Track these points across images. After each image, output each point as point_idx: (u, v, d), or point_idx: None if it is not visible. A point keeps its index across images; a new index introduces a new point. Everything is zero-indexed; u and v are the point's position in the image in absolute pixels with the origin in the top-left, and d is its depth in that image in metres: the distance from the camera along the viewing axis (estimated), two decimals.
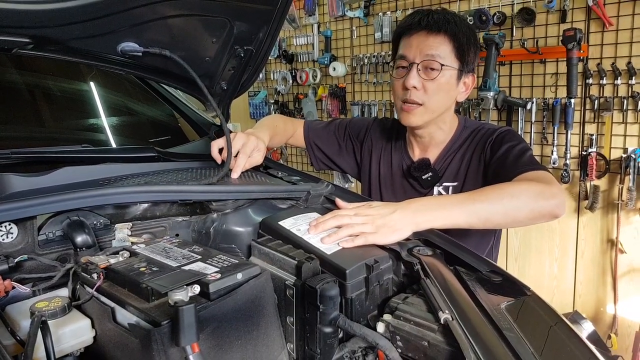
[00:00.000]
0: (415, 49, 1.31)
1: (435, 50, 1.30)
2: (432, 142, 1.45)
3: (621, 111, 2.26)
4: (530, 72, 2.54)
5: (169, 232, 1.06)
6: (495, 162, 1.31)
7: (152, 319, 0.72)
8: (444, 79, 1.31)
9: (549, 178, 1.16)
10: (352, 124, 1.65)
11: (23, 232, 0.90)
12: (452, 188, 1.42)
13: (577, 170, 2.43)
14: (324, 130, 1.66)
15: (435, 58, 1.29)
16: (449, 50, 1.31)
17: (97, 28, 1.02)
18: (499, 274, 0.92)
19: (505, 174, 1.22)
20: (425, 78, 1.31)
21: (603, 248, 2.44)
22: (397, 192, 1.51)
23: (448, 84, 1.33)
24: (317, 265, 0.88)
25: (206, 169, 1.25)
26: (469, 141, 1.42)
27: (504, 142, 1.32)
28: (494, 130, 1.39)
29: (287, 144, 1.66)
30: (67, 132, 1.53)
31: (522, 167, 1.21)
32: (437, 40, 1.30)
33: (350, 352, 0.86)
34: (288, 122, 1.63)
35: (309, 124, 1.67)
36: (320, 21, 3.56)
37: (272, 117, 1.63)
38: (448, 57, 1.31)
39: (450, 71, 1.32)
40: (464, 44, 1.31)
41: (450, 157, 1.43)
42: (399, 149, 1.54)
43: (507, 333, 0.73)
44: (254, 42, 1.21)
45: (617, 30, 2.23)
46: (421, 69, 1.31)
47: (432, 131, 1.43)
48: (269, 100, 4.01)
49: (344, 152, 1.64)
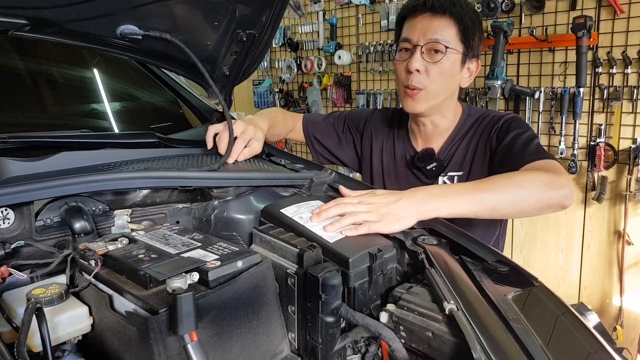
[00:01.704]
0: (419, 32, 1.28)
1: (440, 33, 1.27)
2: (436, 131, 1.43)
3: (631, 101, 2.23)
4: (538, 60, 2.50)
5: (170, 219, 1.05)
6: (502, 151, 1.28)
7: (149, 307, 0.71)
8: (448, 62, 1.28)
9: (557, 167, 1.14)
10: (352, 116, 1.63)
11: (20, 217, 0.89)
12: (458, 177, 1.39)
13: (584, 160, 2.40)
14: (323, 123, 1.63)
15: (440, 41, 1.26)
16: (454, 33, 1.28)
17: (95, 10, 1.00)
18: (506, 264, 0.90)
19: (512, 163, 1.19)
20: (429, 61, 1.28)
21: (610, 240, 2.42)
22: (401, 183, 1.49)
23: (452, 68, 1.30)
24: (320, 254, 0.86)
25: (207, 155, 1.23)
26: (473, 129, 1.40)
27: (511, 130, 1.30)
28: (499, 118, 1.36)
29: (286, 138, 1.63)
30: (67, 118, 1.51)
31: (530, 156, 1.18)
32: (441, 23, 1.27)
33: (352, 342, 0.85)
34: (288, 115, 1.60)
35: (308, 118, 1.65)
36: (325, 9, 3.52)
37: (272, 109, 1.61)
38: (453, 40, 1.28)
39: (454, 55, 1.29)
40: (469, 27, 1.28)
41: (455, 146, 1.40)
42: (401, 139, 1.51)
43: (513, 324, 0.72)
44: (257, 26, 1.18)
45: (628, 17, 2.19)
46: (425, 51, 1.28)
47: (435, 119, 1.40)
48: (273, 89, 3.98)
49: (343, 144, 1.62)
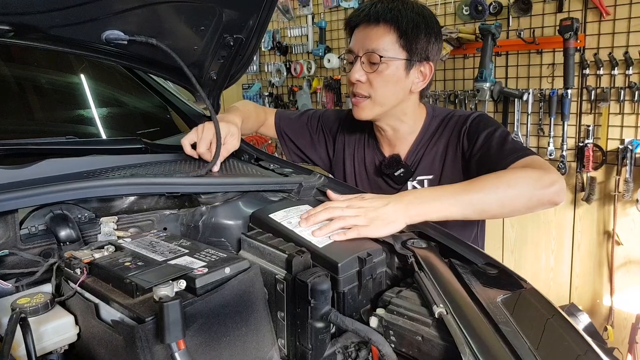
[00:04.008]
0: (359, 43, 1.28)
1: (375, 43, 1.25)
2: (398, 136, 1.41)
3: (618, 102, 2.25)
4: (526, 62, 2.52)
5: (157, 226, 1.04)
6: (478, 153, 1.26)
7: (136, 316, 0.70)
8: (388, 71, 1.26)
9: (543, 163, 1.13)
10: (325, 117, 1.60)
11: (4, 226, 0.87)
12: (428, 181, 1.38)
13: (573, 161, 2.42)
14: (296, 121, 1.61)
15: (375, 51, 1.25)
16: (392, 40, 1.25)
17: (79, 15, 0.99)
18: (495, 267, 0.90)
19: (494, 163, 1.18)
20: (368, 71, 1.27)
21: (599, 240, 2.43)
22: (373, 189, 1.47)
23: (394, 75, 1.27)
24: (309, 259, 0.86)
25: (195, 161, 1.22)
26: (439, 131, 1.38)
27: (480, 130, 1.28)
28: (466, 117, 1.34)
29: (258, 132, 1.60)
30: (53, 124, 1.49)
31: (512, 155, 1.17)
32: (377, 32, 1.25)
33: (342, 347, 0.84)
34: (259, 108, 1.58)
35: (280, 114, 1.62)
36: (314, 12, 3.52)
37: (243, 102, 1.58)
38: (391, 48, 1.25)
39: (395, 62, 1.26)
40: (408, 32, 1.25)
41: (422, 150, 1.39)
42: (371, 145, 1.49)
43: (503, 327, 0.72)
44: (244, 30, 1.17)
45: (614, 19, 2.21)
46: (364, 62, 1.27)
47: (392, 124, 1.38)
48: (263, 93, 3.97)
49: (315, 144, 1.60)
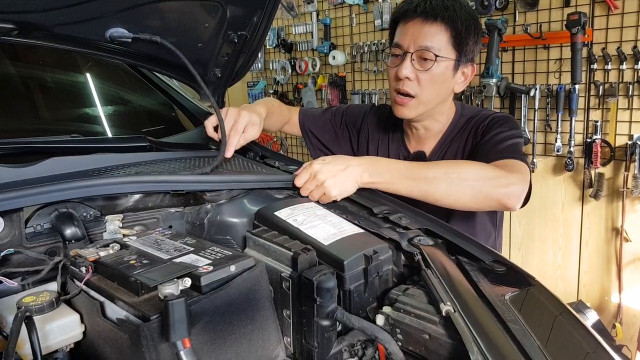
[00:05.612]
0: (410, 38, 1.25)
1: (430, 41, 1.23)
2: (428, 134, 1.41)
3: (626, 97, 2.22)
4: (533, 58, 2.50)
5: (162, 224, 1.04)
6: (477, 147, 1.27)
7: (141, 314, 0.70)
8: (438, 70, 1.25)
9: (517, 167, 1.13)
10: (349, 112, 1.61)
11: (9, 224, 0.87)
12: None
13: (581, 157, 2.40)
14: (320, 118, 1.62)
15: (430, 49, 1.23)
16: (445, 39, 1.24)
17: (83, 13, 0.99)
18: (503, 264, 0.89)
19: (480, 158, 1.18)
20: (419, 69, 1.25)
21: (608, 237, 2.41)
22: None
23: (443, 75, 1.27)
24: (314, 257, 0.85)
25: (200, 158, 1.22)
26: (464, 130, 1.38)
27: (493, 128, 1.28)
28: (487, 116, 1.34)
29: (282, 130, 1.62)
30: (58, 123, 1.49)
31: (498, 154, 1.17)
32: (432, 29, 1.23)
33: (349, 345, 0.83)
34: (284, 106, 1.59)
35: (304, 111, 1.64)
36: (319, 9, 3.51)
37: (267, 99, 1.59)
38: (444, 47, 1.24)
39: (445, 62, 1.25)
40: (462, 33, 1.24)
41: (445, 148, 1.39)
42: (396, 140, 1.49)
43: (511, 325, 0.71)
44: (248, 27, 1.17)
45: (622, 13, 2.18)
46: (415, 59, 1.25)
47: (427, 124, 1.38)
48: (268, 91, 3.97)
49: (340, 140, 1.60)
